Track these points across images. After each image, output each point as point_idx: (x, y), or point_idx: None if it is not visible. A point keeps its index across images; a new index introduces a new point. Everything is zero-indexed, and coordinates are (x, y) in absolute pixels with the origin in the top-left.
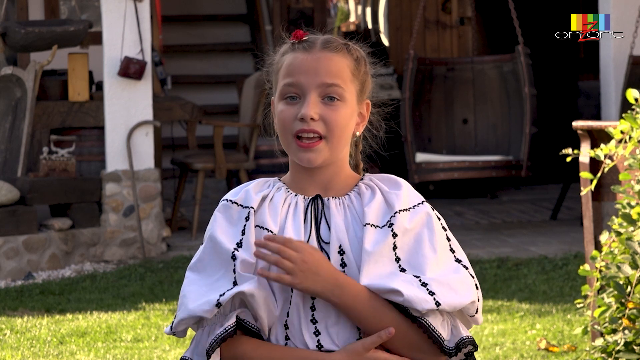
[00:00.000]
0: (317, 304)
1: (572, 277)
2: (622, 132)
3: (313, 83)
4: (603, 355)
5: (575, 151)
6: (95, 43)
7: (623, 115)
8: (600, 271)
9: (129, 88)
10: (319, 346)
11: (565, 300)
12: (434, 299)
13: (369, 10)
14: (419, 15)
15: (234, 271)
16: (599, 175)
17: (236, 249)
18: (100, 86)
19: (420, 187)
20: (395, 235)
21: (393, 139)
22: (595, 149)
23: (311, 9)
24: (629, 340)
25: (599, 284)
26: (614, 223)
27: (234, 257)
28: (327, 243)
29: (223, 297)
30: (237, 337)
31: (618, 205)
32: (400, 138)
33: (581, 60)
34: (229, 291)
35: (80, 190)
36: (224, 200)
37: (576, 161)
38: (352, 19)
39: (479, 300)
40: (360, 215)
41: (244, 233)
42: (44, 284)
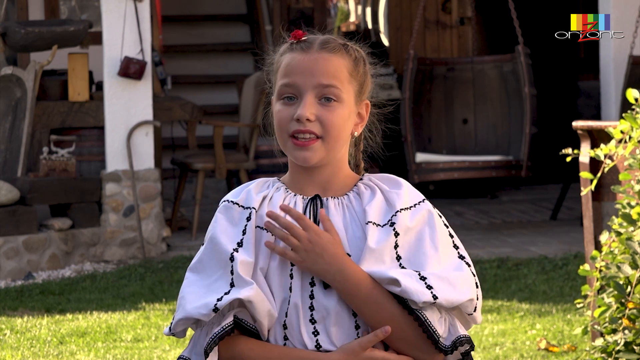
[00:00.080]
0: (316, 304)
1: (572, 277)
2: (622, 132)
3: (310, 84)
4: (603, 355)
5: (575, 151)
6: (95, 43)
7: (623, 115)
8: (600, 271)
9: (129, 88)
10: (318, 346)
11: (565, 300)
12: (432, 292)
13: (369, 10)
14: (419, 15)
15: (232, 272)
16: (599, 175)
17: (235, 249)
18: (100, 86)
19: (420, 187)
20: (397, 234)
21: (393, 139)
22: (595, 149)
23: (311, 9)
24: (629, 340)
25: (599, 284)
26: (614, 223)
27: (232, 259)
28: None
29: (220, 303)
30: (235, 337)
31: (618, 205)
32: (400, 138)
33: (581, 60)
34: (227, 296)
35: (80, 190)
36: (225, 201)
37: (576, 161)
38: (352, 19)
39: (478, 299)
40: (359, 215)
41: (244, 233)
42: (44, 284)
